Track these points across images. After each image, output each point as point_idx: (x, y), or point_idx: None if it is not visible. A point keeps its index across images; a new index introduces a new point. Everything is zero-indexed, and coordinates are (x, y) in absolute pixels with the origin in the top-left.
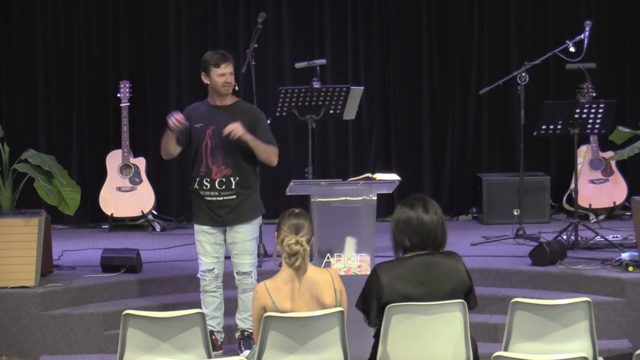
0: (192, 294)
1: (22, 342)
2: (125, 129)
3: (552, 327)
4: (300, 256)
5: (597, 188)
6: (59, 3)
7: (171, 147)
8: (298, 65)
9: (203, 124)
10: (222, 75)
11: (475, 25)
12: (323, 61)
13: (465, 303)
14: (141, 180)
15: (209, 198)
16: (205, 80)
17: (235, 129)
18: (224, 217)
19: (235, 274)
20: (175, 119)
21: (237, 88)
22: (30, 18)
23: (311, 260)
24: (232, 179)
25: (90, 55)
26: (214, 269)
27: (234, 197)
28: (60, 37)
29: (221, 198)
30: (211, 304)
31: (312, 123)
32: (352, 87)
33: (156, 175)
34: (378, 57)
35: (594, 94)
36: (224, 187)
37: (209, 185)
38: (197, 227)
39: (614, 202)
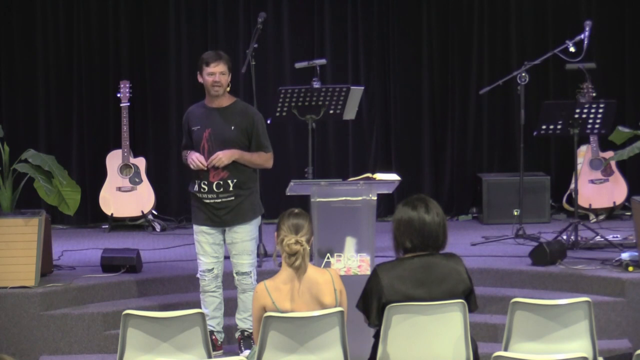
0: (192, 294)
1: (22, 342)
2: (125, 129)
3: (552, 327)
4: (300, 256)
5: (597, 188)
6: (59, 3)
7: None
8: (298, 65)
9: (200, 127)
10: (211, 74)
11: (475, 25)
12: (323, 61)
13: (465, 303)
14: (141, 180)
15: (207, 200)
16: (200, 80)
17: (220, 159)
18: (222, 218)
19: (234, 274)
20: (197, 159)
21: (228, 89)
22: (30, 18)
23: (311, 260)
24: (229, 181)
25: (90, 55)
26: (213, 269)
27: (232, 198)
28: (60, 37)
29: (219, 200)
30: (211, 304)
31: (312, 123)
32: (352, 87)
33: (156, 175)
34: (378, 57)
35: (594, 94)
36: (221, 189)
37: (206, 187)
38: (196, 227)
39: (614, 202)
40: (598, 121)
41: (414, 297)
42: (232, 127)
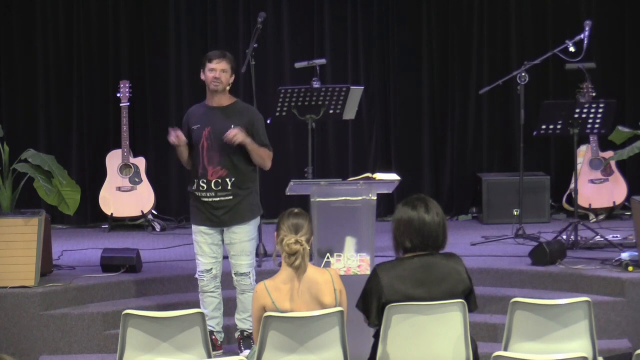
0: (192, 294)
1: (22, 342)
2: (125, 129)
3: (552, 327)
4: (300, 256)
5: (597, 188)
6: (59, 3)
7: (185, 156)
8: (298, 65)
9: (200, 126)
10: (212, 70)
11: (475, 25)
12: (323, 61)
13: (465, 303)
14: (141, 180)
15: (206, 199)
16: (202, 77)
17: (237, 134)
18: (221, 218)
19: (233, 275)
20: (177, 135)
21: (228, 88)
22: (30, 18)
23: (311, 260)
24: (228, 180)
25: (90, 55)
26: (212, 269)
27: (231, 197)
28: (60, 37)
29: (218, 199)
30: (210, 304)
31: (312, 123)
32: (352, 87)
33: (156, 175)
34: (378, 57)
35: (594, 94)
36: (220, 188)
37: (205, 186)
38: (194, 227)
39: (614, 202)
40: (598, 121)
41: (414, 297)
42: (232, 126)
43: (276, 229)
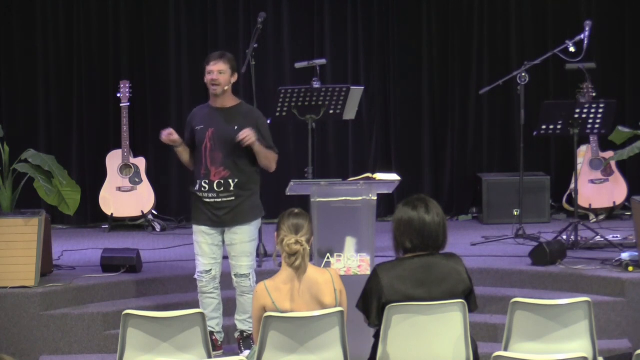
0: (192, 294)
1: (22, 342)
2: (125, 129)
3: (552, 327)
4: (300, 256)
5: (597, 188)
6: (59, 3)
7: (185, 157)
8: (298, 65)
9: (203, 126)
10: (209, 72)
11: (475, 25)
12: (323, 61)
13: (465, 303)
14: (141, 180)
15: (208, 200)
16: (205, 81)
17: (249, 135)
18: (222, 218)
19: (233, 276)
20: (168, 134)
21: (226, 88)
22: (30, 18)
23: (311, 260)
24: (230, 180)
25: (90, 55)
26: (211, 270)
27: (233, 198)
28: (60, 37)
29: (219, 200)
30: (209, 305)
31: (312, 123)
32: (352, 87)
33: (156, 175)
34: (378, 57)
35: (594, 94)
36: (222, 188)
37: (207, 187)
38: (195, 227)
39: (614, 202)
40: (598, 121)
41: (414, 297)
42: (235, 127)
43: (276, 229)
